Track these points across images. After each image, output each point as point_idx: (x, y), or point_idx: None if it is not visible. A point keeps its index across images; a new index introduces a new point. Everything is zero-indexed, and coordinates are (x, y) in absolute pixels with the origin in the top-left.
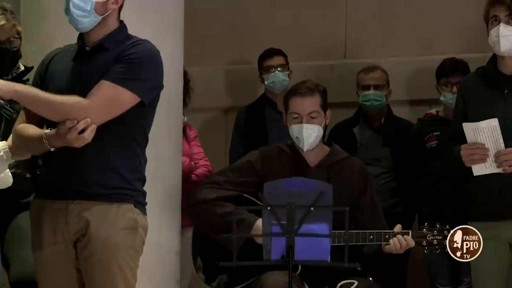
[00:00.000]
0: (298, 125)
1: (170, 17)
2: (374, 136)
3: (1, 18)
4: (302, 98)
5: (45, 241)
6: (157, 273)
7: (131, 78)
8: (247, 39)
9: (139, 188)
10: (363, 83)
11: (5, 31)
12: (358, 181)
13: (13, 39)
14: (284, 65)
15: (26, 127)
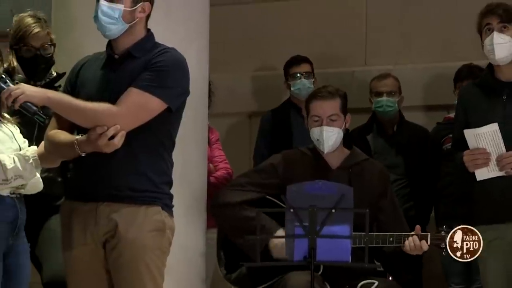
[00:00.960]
0: (319, 127)
1: (196, 25)
2: (387, 145)
3: (35, 25)
4: (323, 101)
5: (75, 242)
6: (183, 273)
7: (159, 85)
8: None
9: (166, 191)
10: (376, 90)
11: (40, 38)
12: (378, 183)
13: (47, 46)
14: (309, 73)
15: (57, 133)
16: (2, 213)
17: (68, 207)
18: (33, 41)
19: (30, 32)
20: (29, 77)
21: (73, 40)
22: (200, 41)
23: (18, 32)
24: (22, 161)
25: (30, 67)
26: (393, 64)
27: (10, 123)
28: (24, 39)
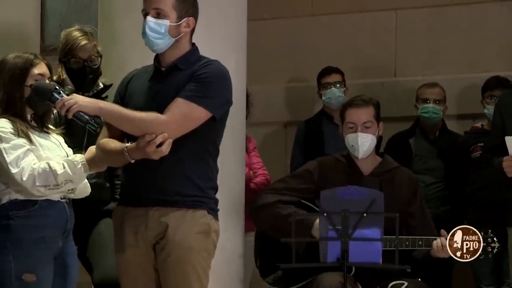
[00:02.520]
0: (354, 134)
1: (234, 39)
2: (428, 148)
3: (82, 38)
4: (357, 109)
5: (127, 244)
6: (223, 274)
7: (203, 95)
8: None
9: (212, 196)
10: (423, 97)
11: (87, 50)
12: (408, 189)
13: (94, 58)
14: (340, 82)
15: (108, 141)
16: (54, 218)
17: (120, 212)
18: (80, 53)
19: (78, 45)
20: (77, 88)
21: (118, 54)
22: (238, 54)
23: (66, 45)
24: (71, 167)
25: (79, 78)
26: (421, 76)
27: (55, 133)
28: (72, 51)
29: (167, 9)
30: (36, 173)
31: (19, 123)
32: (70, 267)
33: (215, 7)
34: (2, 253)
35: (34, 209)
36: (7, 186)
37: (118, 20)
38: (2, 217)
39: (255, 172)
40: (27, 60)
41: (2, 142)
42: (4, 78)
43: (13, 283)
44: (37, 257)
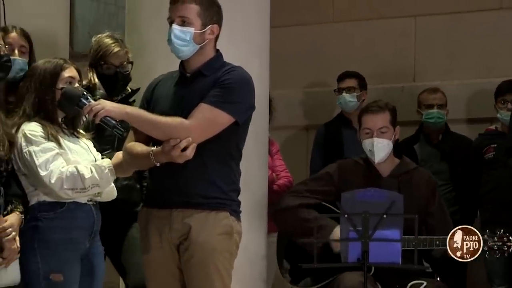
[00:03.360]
0: (370, 139)
1: (257, 44)
2: (433, 152)
3: (115, 45)
4: (373, 115)
5: (152, 245)
6: (246, 274)
7: (227, 101)
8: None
9: (234, 198)
10: (427, 102)
11: (119, 56)
12: (426, 190)
13: (125, 64)
14: (352, 88)
15: (134, 145)
16: (81, 220)
17: (145, 213)
18: (113, 60)
19: (111, 51)
20: (108, 92)
21: (145, 60)
22: (262, 60)
23: (98, 52)
24: (98, 171)
25: (110, 84)
26: (440, 81)
27: (85, 138)
28: (105, 57)
29: (192, 17)
30: (64, 176)
31: (49, 126)
32: (96, 267)
33: (239, 14)
34: (30, 253)
35: (61, 211)
36: (35, 188)
37: (144, 27)
38: (30, 219)
39: (278, 175)
40: (57, 65)
41: (32, 145)
42: (36, 82)
43: (41, 283)
44: (64, 258)
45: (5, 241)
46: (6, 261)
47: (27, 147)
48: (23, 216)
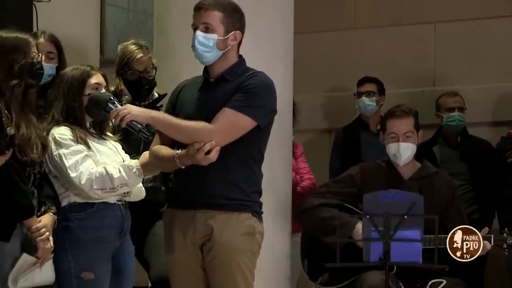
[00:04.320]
0: (396, 143)
1: (281, 50)
2: (452, 153)
3: (138, 51)
4: (398, 119)
5: (177, 245)
6: (272, 273)
7: (249, 105)
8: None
9: (256, 200)
10: (448, 106)
11: (143, 62)
12: (446, 193)
13: (149, 69)
14: (371, 92)
15: (160, 148)
16: (110, 219)
17: (170, 214)
18: (137, 65)
19: (134, 58)
20: (134, 98)
21: (172, 66)
22: (285, 65)
23: (123, 58)
24: (126, 171)
25: (135, 89)
26: (459, 85)
27: (112, 140)
28: (129, 64)
29: (215, 23)
30: (93, 177)
31: (78, 130)
32: (127, 265)
33: (264, 21)
34: (62, 253)
35: (91, 211)
36: (66, 189)
37: (172, 34)
38: (61, 219)
39: (301, 177)
40: (84, 71)
41: (62, 148)
42: (64, 89)
43: (73, 281)
44: (95, 256)
45: (39, 241)
46: (41, 260)
47: (57, 150)
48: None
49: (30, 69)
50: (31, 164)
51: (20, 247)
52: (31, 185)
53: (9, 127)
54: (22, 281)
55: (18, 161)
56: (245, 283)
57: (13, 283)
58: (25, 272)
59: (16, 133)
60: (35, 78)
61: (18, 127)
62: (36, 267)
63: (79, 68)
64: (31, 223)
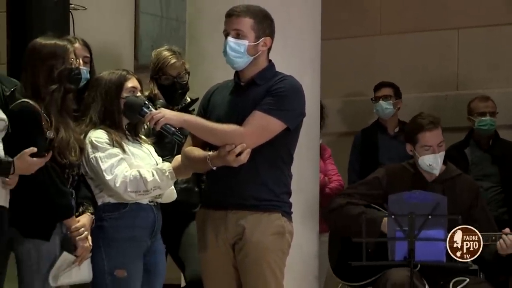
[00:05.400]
0: (432, 155)
1: (309, 56)
2: (483, 156)
3: (172, 57)
4: (430, 132)
5: (209, 245)
6: (300, 272)
7: (279, 108)
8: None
9: (286, 200)
10: (480, 110)
11: (176, 68)
12: (469, 195)
13: (182, 74)
14: (388, 96)
15: (192, 150)
16: (142, 219)
17: (202, 214)
18: (170, 71)
19: (168, 63)
20: (168, 102)
21: (204, 71)
22: (313, 70)
23: (157, 64)
24: (159, 174)
25: (169, 93)
26: (482, 89)
27: (146, 143)
28: (163, 69)
29: (246, 30)
30: (128, 180)
31: (114, 133)
32: (158, 264)
33: (292, 28)
34: (96, 251)
35: (124, 211)
36: (100, 190)
37: (203, 40)
38: (96, 219)
39: (330, 178)
40: (121, 75)
41: (98, 151)
42: (101, 92)
43: (106, 278)
44: (128, 255)
45: (78, 240)
46: (79, 259)
47: (93, 153)
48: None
49: (69, 74)
50: (69, 166)
51: (60, 246)
52: (70, 186)
53: (49, 131)
54: (62, 278)
55: (58, 163)
56: (275, 282)
57: (54, 280)
58: (65, 270)
59: (55, 137)
60: (73, 83)
61: (57, 131)
62: (75, 265)
63: (116, 72)
64: (70, 223)
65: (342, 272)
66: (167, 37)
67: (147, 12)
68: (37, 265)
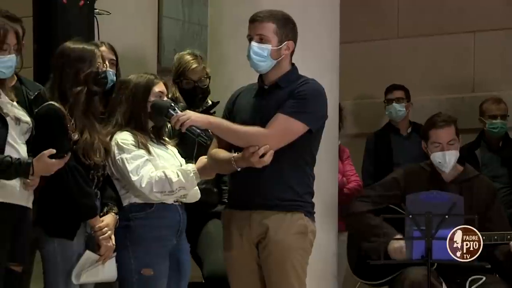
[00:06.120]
0: (441, 152)
1: (328, 59)
2: (494, 157)
3: (193, 62)
4: (441, 129)
5: (234, 243)
6: (319, 270)
7: (301, 111)
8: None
9: (308, 200)
10: (491, 113)
11: (197, 72)
12: (486, 196)
13: (203, 79)
14: (400, 98)
15: (218, 151)
16: (168, 219)
17: (227, 214)
18: (192, 75)
19: (189, 68)
20: (189, 105)
21: (226, 75)
22: (332, 73)
23: (179, 68)
24: (184, 175)
25: (190, 97)
26: (497, 91)
27: (170, 145)
28: (184, 73)
29: (269, 34)
30: (153, 181)
31: (140, 135)
32: (183, 262)
33: (311, 32)
34: (123, 250)
35: (151, 211)
36: (127, 191)
37: (225, 44)
38: (123, 219)
39: (348, 179)
40: (149, 80)
41: (124, 153)
42: (128, 95)
43: (133, 277)
44: (154, 254)
45: (101, 239)
46: (103, 258)
47: (119, 155)
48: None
49: (95, 77)
50: (94, 168)
51: (84, 245)
52: (94, 187)
53: (73, 132)
54: (85, 276)
55: (82, 164)
56: (297, 280)
57: (76, 278)
58: (88, 268)
59: (79, 138)
60: (99, 85)
61: (81, 132)
62: (99, 264)
63: (144, 76)
64: (95, 223)
65: (360, 271)
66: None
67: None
68: (62, 263)
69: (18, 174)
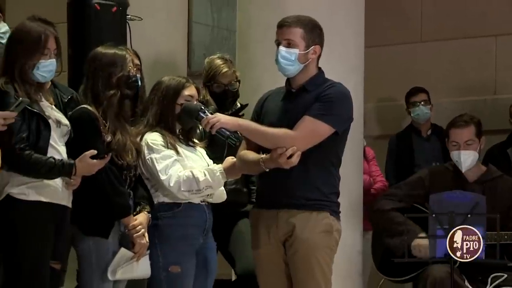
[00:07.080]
0: (457, 151)
1: (353, 63)
2: None
3: (224, 66)
4: (460, 129)
5: (262, 242)
6: (344, 268)
7: (328, 113)
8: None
9: (334, 200)
10: None
11: (228, 76)
12: (508, 195)
13: (233, 83)
14: (426, 100)
15: (246, 153)
16: (195, 218)
17: (255, 213)
18: (222, 79)
19: (220, 72)
20: (219, 108)
21: (254, 78)
22: (357, 76)
23: (210, 72)
24: (211, 175)
25: (220, 100)
26: None
27: (198, 146)
28: (215, 77)
29: (297, 39)
30: (181, 180)
31: (169, 136)
32: (210, 260)
33: (337, 36)
34: (152, 248)
35: (178, 210)
36: (156, 190)
37: (253, 49)
38: (152, 217)
39: (374, 179)
40: (180, 83)
41: (154, 153)
42: (159, 96)
43: (161, 274)
44: (182, 252)
45: (135, 237)
46: (137, 255)
47: (149, 155)
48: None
49: (126, 80)
50: (127, 168)
51: (118, 243)
52: (127, 187)
53: (106, 134)
54: (120, 273)
55: (115, 165)
56: (323, 277)
57: (112, 274)
58: (123, 265)
59: (112, 140)
60: (131, 88)
61: (114, 134)
62: (133, 261)
63: (176, 79)
64: (128, 221)
65: (384, 268)
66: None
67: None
68: (97, 261)
69: (61, 174)
